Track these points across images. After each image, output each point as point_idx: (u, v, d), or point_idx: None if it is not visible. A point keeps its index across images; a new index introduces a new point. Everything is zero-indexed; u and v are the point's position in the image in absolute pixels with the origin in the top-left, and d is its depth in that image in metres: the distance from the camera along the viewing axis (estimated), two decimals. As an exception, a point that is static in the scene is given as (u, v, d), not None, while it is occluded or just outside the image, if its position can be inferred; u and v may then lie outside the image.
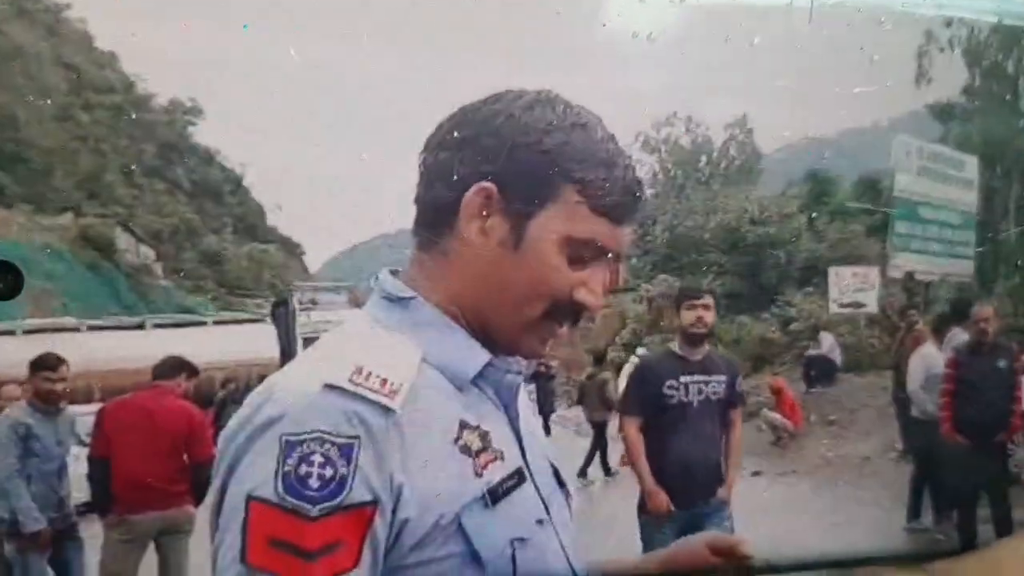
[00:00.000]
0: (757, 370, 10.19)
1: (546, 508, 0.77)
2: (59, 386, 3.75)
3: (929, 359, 4.47)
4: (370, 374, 0.67)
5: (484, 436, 0.72)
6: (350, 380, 0.67)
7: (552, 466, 0.80)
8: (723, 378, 2.94)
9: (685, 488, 2.98)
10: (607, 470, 6.45)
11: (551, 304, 0.73)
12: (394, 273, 0.76)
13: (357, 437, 0.65)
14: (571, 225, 0.71)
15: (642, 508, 3.12)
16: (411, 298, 0.73)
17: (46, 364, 3.91)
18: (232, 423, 0.68)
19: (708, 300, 2.89)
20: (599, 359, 7.75)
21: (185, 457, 3.87)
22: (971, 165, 7.79)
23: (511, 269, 0.72)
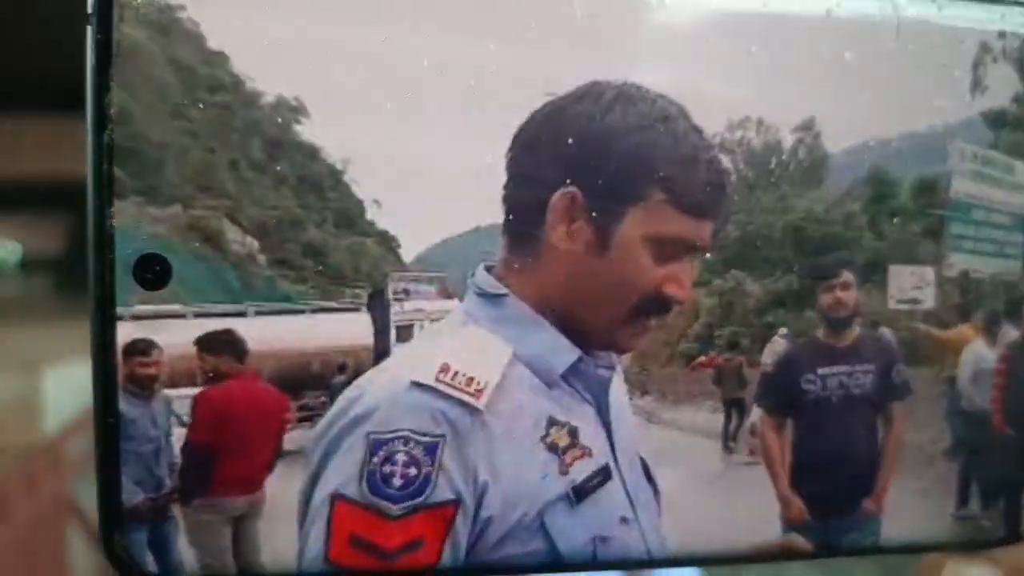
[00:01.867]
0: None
1: (632, 505, 0.79)
2: (152, 370, 3.73)
3: (978, 354, 4.38)
4: (456, 372, 0.69)
5: (573, 432, 0.73)
6: (437, 378, 0.69)
7: (642, 460, 0.81)
8: (870, 367, 2.43)
9: (822, 496, 2.65)
10: (727, 447, 6.26)
11: (640, 300, 0.72)
12: (489, 269, 0.75)
13: (442, 435, 0.67)
14: (656, 224, 0.71)
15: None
16: (503, 295, 0.74)
17: (138, 349, 3.91)
18: (325, 419, 0.70)
19: (848, 277, 2.26)
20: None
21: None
22: (1021, 169, 7.67)
23: (599, 271, 0.72)
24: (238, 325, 0.71)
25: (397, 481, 0.67)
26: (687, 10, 0.73)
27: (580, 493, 0.74)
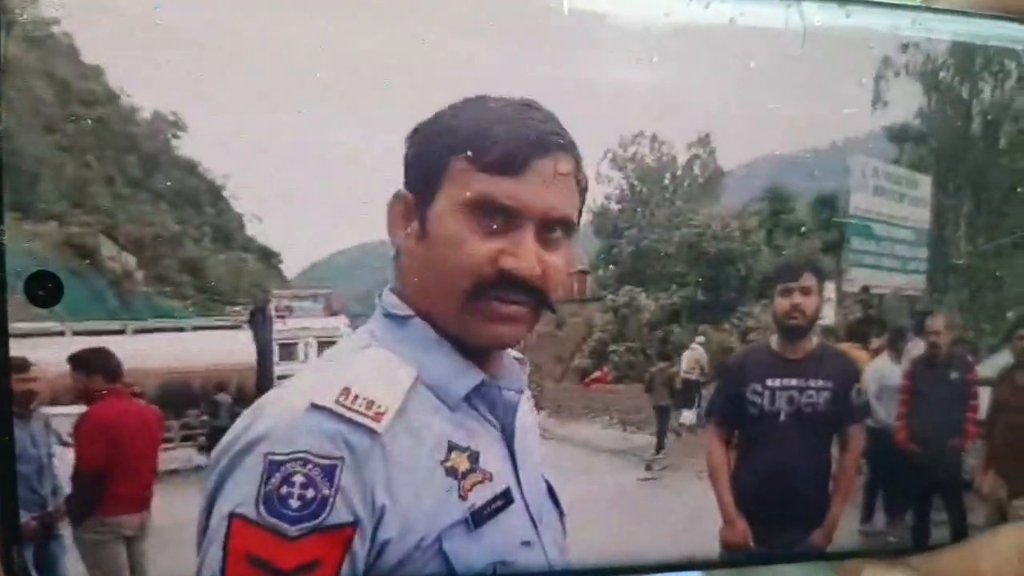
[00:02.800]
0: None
1: (535, 528, 0.78)
2: (29, 386, 3.69)
3: (882, 371, 4.49)
4: (357, 396, 0.69)
5: (473, 458, 0.73)
6: (337, 401, 0.68)
7: (547, 484, 0.80)
8: (827, 384, 2.11)
9: (768, 521, 2.37)
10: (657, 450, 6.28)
11: (477, 279, 0.71)
12: (394, 290, 0.74)
13: (341, 458, 0.67)
14: (461, 192, 0.71)
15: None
16: (409, 316, 0.74)
17: (14, 366, 3.84)
18: (224, 439, 0.68)
19: (809, 281, 1.92)
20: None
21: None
22: (924, 184, 7.85)
23: (428, 258, 0.72)
24: (115, 343, 0.69)
25: (294, 502, 0.66)
26: (587, 19, 0.72)
27: (479, 517, 0.73)
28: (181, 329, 0.75)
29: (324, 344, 0.74)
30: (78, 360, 0.69)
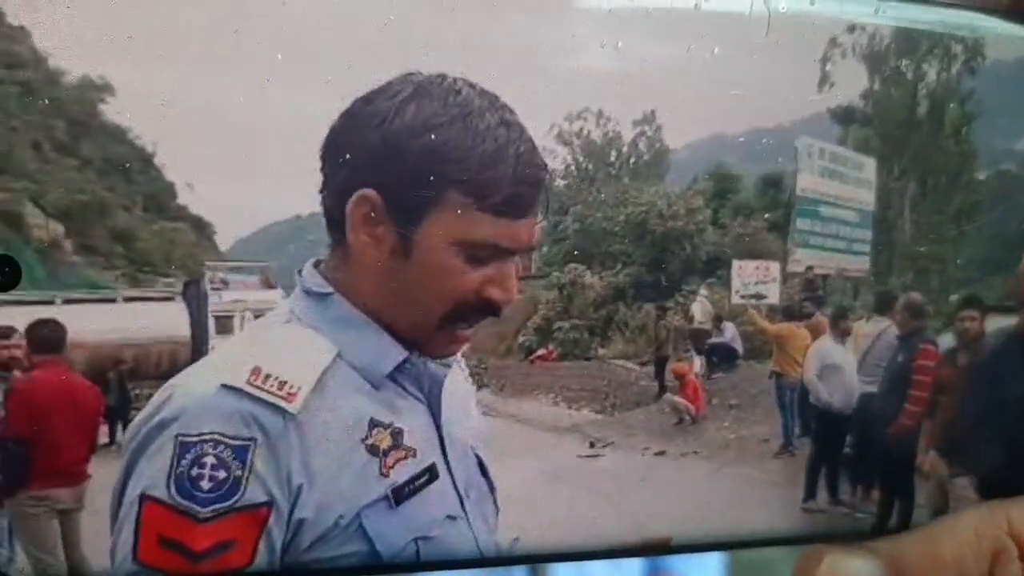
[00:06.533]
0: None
1: (462, 502, 0.78)
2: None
3: (825, 350, 4.55)
4: (268, 376, 0.69)
5: (396, 435, 0.71)
6: (248, 381, 0.68)
7: (477, 456, 0.80)
8: None
9: None
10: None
11: (457, 306, 0.73)
12: (317, 265, 0.74)
13: (253, 439, 0.67)
14: (461, 228, 0.70)
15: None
16: (329, 294, 0.74)
17: None
18: (136, 420, 0.68)
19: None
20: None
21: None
22: (869, 166, 7.94)
23: (408, 276, 0.72)
24: (45, 314, 0.67)
25: (206, 484, 0.66)
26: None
27: (401, 494, 0.73)
28: (112, 300, 0.74)
29: (260, 317, 0.74)
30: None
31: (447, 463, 0.78)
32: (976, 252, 0.89)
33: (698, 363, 0.92)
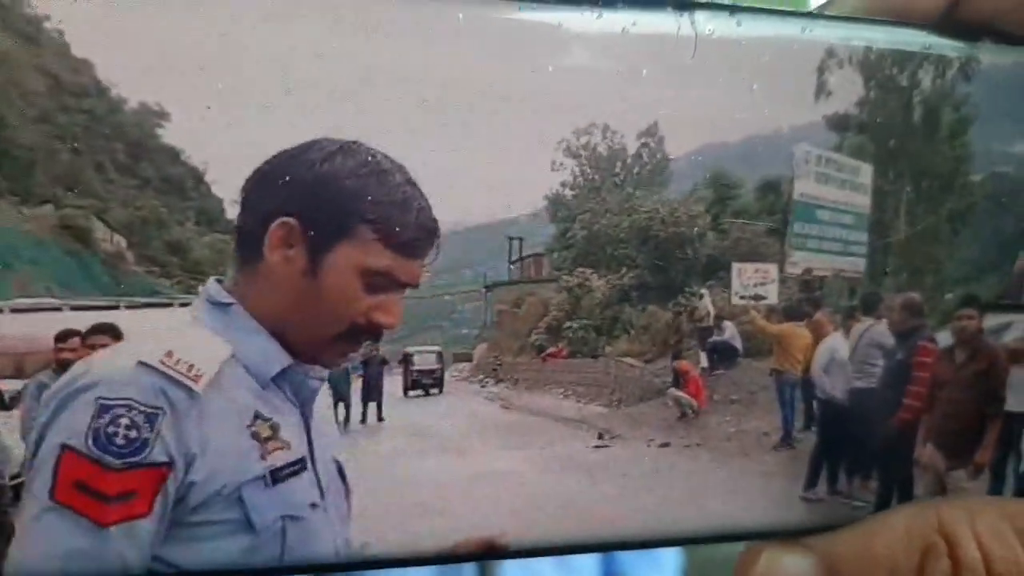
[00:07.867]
0: (664, 354, 10.28)
1: (323, 494, 0.88)
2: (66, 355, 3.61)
3: (834, 346, 4.48)
4: (179, 359, 0.78)
5: (275, 428, 0.84)
6: (161, 361, 0.78)
7: (337, 463, 0.89)
8: None
9: None
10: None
11: (350, 325, 0.83)
12: (220, 281, 0.85)
13: (161, 408, 0.76)
14: (366, 258, 0.82)
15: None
16: (229, 304, 0.84)
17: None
18: (55, 385, 0.77)
19: None
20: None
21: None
22: (865, 171, 7.74)
23: (312, 295, 0.82)
24: (113, 318, 0.76)
25: (120, 440, 0.74)
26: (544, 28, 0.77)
27: (276, 476, 0.83)
28: (169, 305, 0.82)
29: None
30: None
31: (312, 460, 0.87)
32: (970, 253, 0.91)
33: (702, 359, 0.96)
